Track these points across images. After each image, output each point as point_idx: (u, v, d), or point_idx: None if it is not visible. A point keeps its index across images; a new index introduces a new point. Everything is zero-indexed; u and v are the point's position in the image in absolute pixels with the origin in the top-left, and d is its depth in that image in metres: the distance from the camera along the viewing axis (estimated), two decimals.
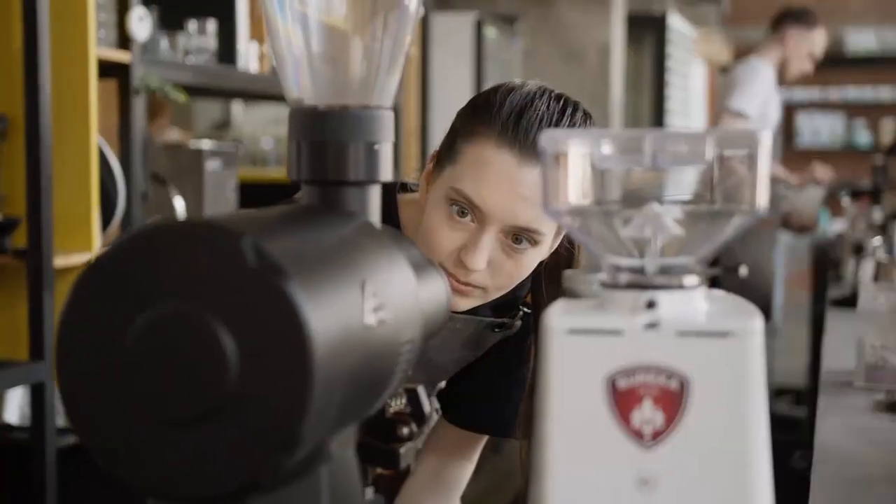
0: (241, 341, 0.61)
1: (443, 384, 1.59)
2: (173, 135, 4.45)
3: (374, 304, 0.69)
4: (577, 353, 0.68)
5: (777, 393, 5.57)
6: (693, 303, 0.70)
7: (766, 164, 0.68)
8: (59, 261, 2.40)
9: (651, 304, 0.68)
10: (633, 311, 0.69)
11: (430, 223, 1.32)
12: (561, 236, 1.39)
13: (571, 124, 1.32)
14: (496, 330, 1.50)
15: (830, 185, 5.33)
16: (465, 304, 1.35)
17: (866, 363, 1.92)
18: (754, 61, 4.61)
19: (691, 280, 0.70)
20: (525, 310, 1.51)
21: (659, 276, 0.70)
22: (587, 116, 1.36)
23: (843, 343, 2.24)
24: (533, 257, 1.34)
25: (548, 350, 0.69)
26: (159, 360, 0.61)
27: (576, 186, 0.70)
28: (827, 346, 2.33)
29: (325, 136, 0.79)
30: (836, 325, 2.59)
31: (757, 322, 0.68)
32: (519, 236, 1.31)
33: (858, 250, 3.17)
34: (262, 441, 0.60)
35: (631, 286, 0.70)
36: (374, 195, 0.80)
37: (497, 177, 1.28)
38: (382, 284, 0.71)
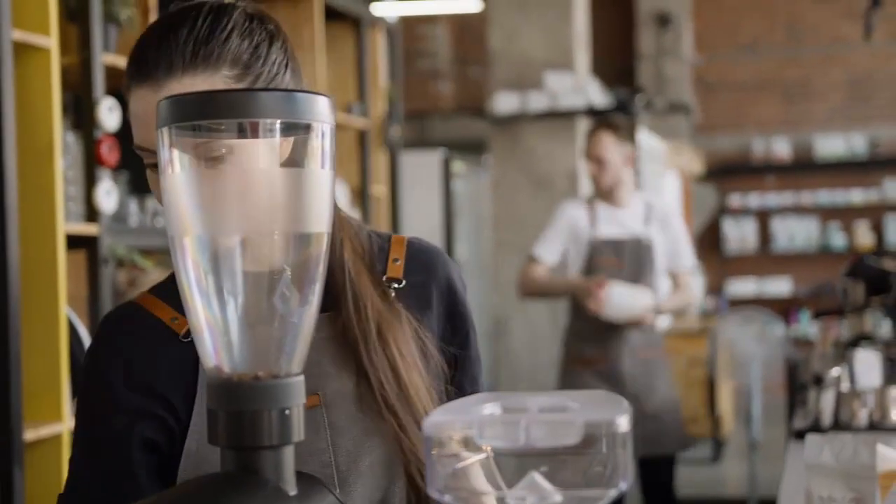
0: None
1: None
2: (154, 276, 4.51)
3: None
4: None
5: None
6: None
7: (628, 443, 0.75)
8: (29, 434, 2.44)
9: None
10: None
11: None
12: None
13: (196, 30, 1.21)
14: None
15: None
16: None
17: None
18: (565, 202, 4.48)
19: None
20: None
21: None
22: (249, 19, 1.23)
23: (800, 489, 2.26)
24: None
25: None
26: None
27: (461, 467, 0.77)
28: (783, 492, 2.36)
29: (240, 406, 0.86)
30: (796, 465, 2.61)
31: None
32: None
33: (818, 381, 3.22)
34: None
35: None
36: (288, 455, 0.87)
37: (149, 116, 1.21)
38: None
